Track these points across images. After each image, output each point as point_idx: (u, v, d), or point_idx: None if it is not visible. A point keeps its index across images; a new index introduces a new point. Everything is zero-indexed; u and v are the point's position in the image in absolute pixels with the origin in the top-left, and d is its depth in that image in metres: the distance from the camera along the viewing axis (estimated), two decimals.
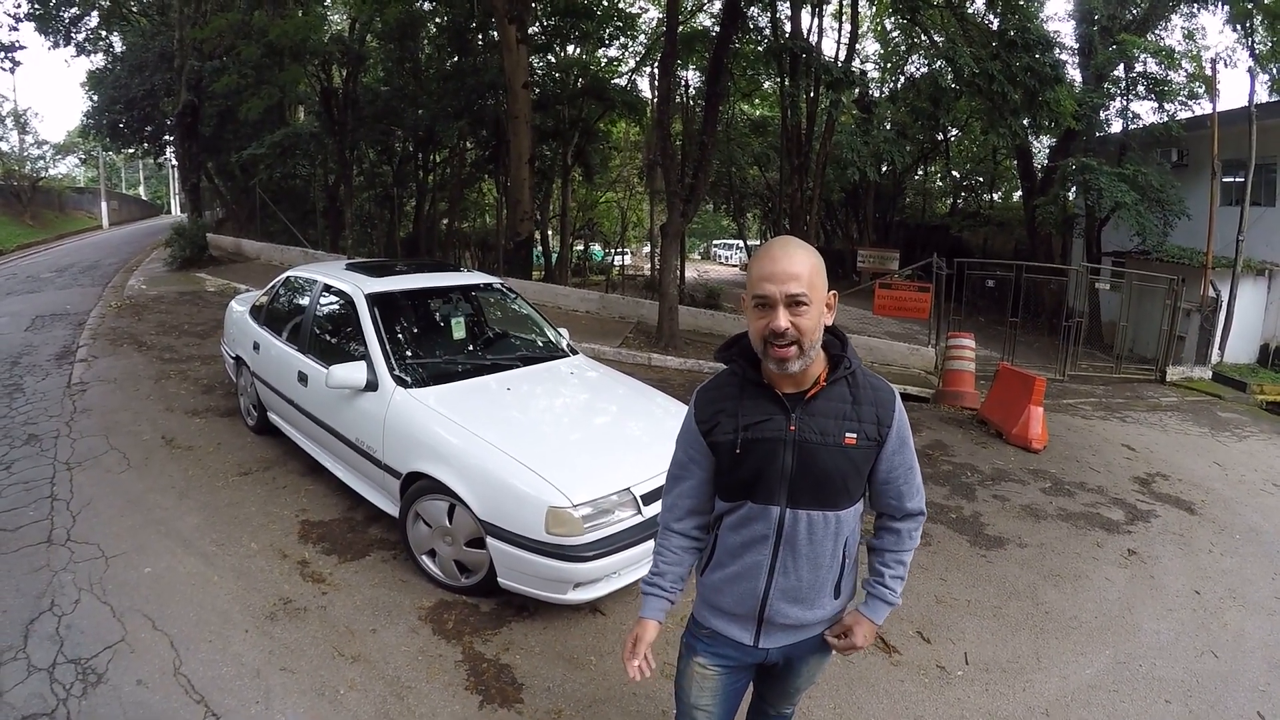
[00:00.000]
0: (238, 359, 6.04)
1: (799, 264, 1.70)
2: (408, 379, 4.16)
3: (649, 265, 28.95)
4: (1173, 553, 5.29)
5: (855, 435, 1.81)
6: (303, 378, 4.77)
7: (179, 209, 36.36)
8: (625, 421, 4.33)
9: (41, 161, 30.12)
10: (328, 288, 5.01)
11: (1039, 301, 15.83)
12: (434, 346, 4.82)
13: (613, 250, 30.79)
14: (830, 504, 1.84)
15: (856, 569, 2.05)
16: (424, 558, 3.93)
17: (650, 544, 3.60)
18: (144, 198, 45.83)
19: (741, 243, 36.56)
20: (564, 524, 3.32)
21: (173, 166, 31.98)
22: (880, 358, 10.57)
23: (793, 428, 1.79)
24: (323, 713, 3.01)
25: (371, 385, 4.14)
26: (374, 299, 4.58)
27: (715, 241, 45.54)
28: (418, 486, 3.81)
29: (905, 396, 8.49)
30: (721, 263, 42.83)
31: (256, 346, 5.57)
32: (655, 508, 3.68)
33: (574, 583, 3.41)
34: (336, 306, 4.95)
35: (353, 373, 4.12)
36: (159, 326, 9.99)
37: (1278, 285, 14.85)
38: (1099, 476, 6.90)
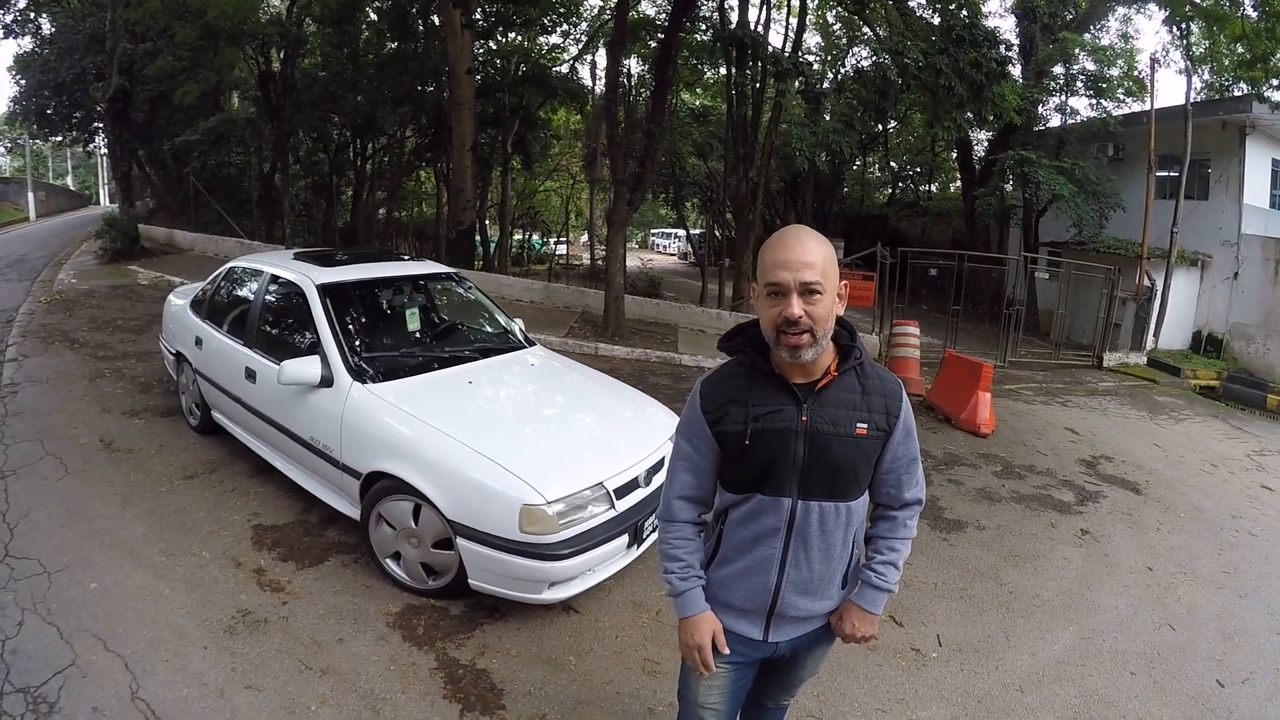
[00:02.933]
0: (178, 355, 5.75)
1: (813, 252, 1.68)
2: (365, 373, 3.98)
3: (588, 254, 28.83)
4: (1123, 532, 5.48)
5: (866, 426, 1.80)
6: (250, 374, 4.55)
7: (109, 199, 34.76)
8: (593, 414, 4.22)
9: None
10: (275, 278, 4.78)
11: (979, 290, 16.24)
12: (390, 339, 4.63)
13: (552, 240, 30.55)
14: (842, 495, 1.83)
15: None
16: (388, 561, 3.78)
17: (624, 539, 3.55)
18: (72, 188, 43.43)
19: (680, 231, 36.66)
20: (538, 522, 3.22)
21: (102, 155, 30.55)
22: None
23: (804, 418, 1.77)
24: None
25: (326, 381, 3.95)
26: (326, 290, 4.38)
27: (654, 230, 45.57)
28: (380, 487, 3.65)
29: None
30: (660, 251, 43.06)
31: (199, 342, 5.30)
32: (629, 501, 3.62)
33: (549, 582, 3.32)
34: (286, 298, 4.72)
35: (306, 368, 3.93)
36: (91, 322, 9.49)
37: (1209, 275, 15.52)
38: (1046, 460, 7.10)
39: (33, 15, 20.02)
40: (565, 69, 20.88)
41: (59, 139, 26.65)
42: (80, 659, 3.16)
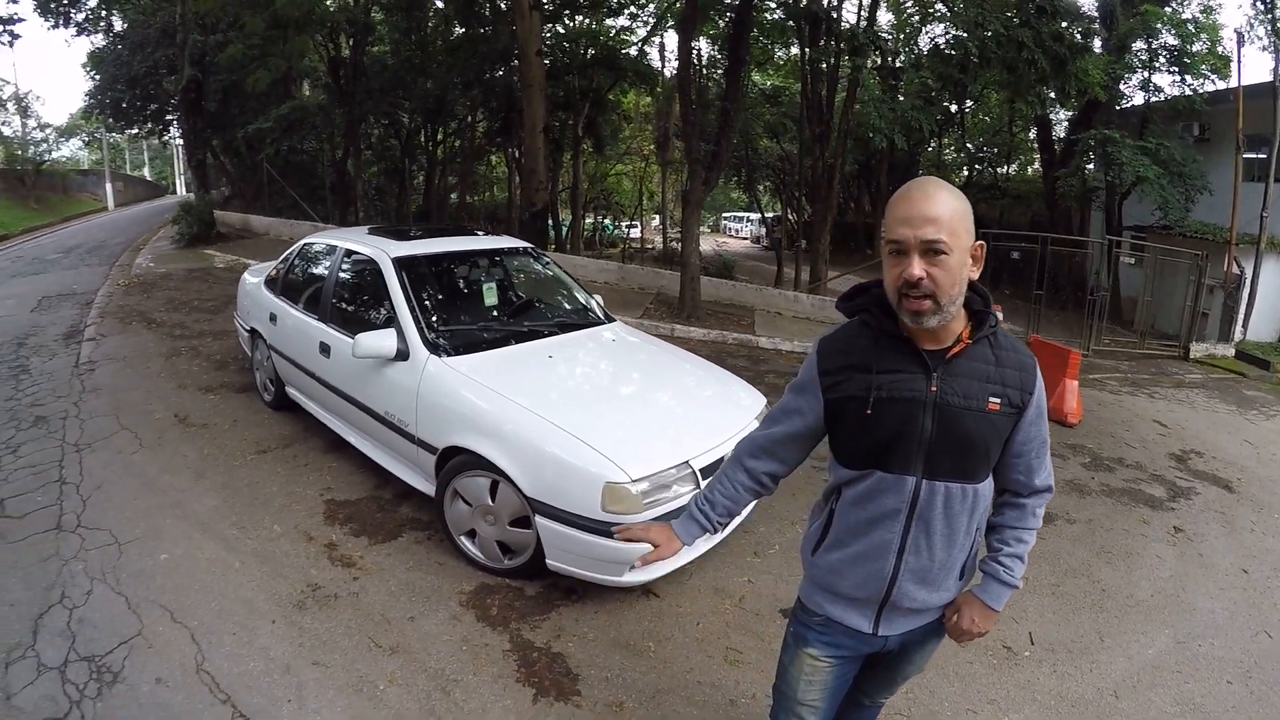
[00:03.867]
0: (252, 332, 5.83)
1: (939, 206, 1.49)
2: (442, 347, 3.94)
3: (660, 238, 28.65)
4: (1217, 531, 5.15)
5: (999, 401, 1.61)
6: (324, 349, 4.56)
7: (184, 188, 35.96)
8: (677, 392, 4.11)
9: (45, 144, 29.53)
10: (350, 253, 4.79)
11: (1060, 276, 15.56)
12: (466, 313, 4.58)
13: (624, 223, 30.43)
14: (970, 476, 1.65)
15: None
16: (463, 539, 3.74)
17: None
18: (149, 179, 45.34)
19: (753, 215, 36.20)
20: (621, 501, 3.12)
21: (177, 145, 31.57)
22: None
23: (933, 388, 1.59)
24: (362, 711, 2.81)
25: (402, 354, 3.92)
26: (402, 263, 4.36)
27: (725, 214, 45.06)
28: (456, 462, 3.60)
29: None
30: (732, 235, 42.47)
31: (273, 318, 5.35)
32: None
33: (631, 564, 3.21)
34: (360, 272, 4.73)
35: (381, 341, 3.90)
36: (168, 303, 9.78)
37: None
38: (1135, 452, 6.73)
39: (104, 13, 20.64)
40: (634, 51, 20.69)
41: (134, 131, 27.53)
42: (147, 629, 3.17)
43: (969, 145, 26.84)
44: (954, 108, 22.25)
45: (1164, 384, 10.21)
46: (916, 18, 20.88)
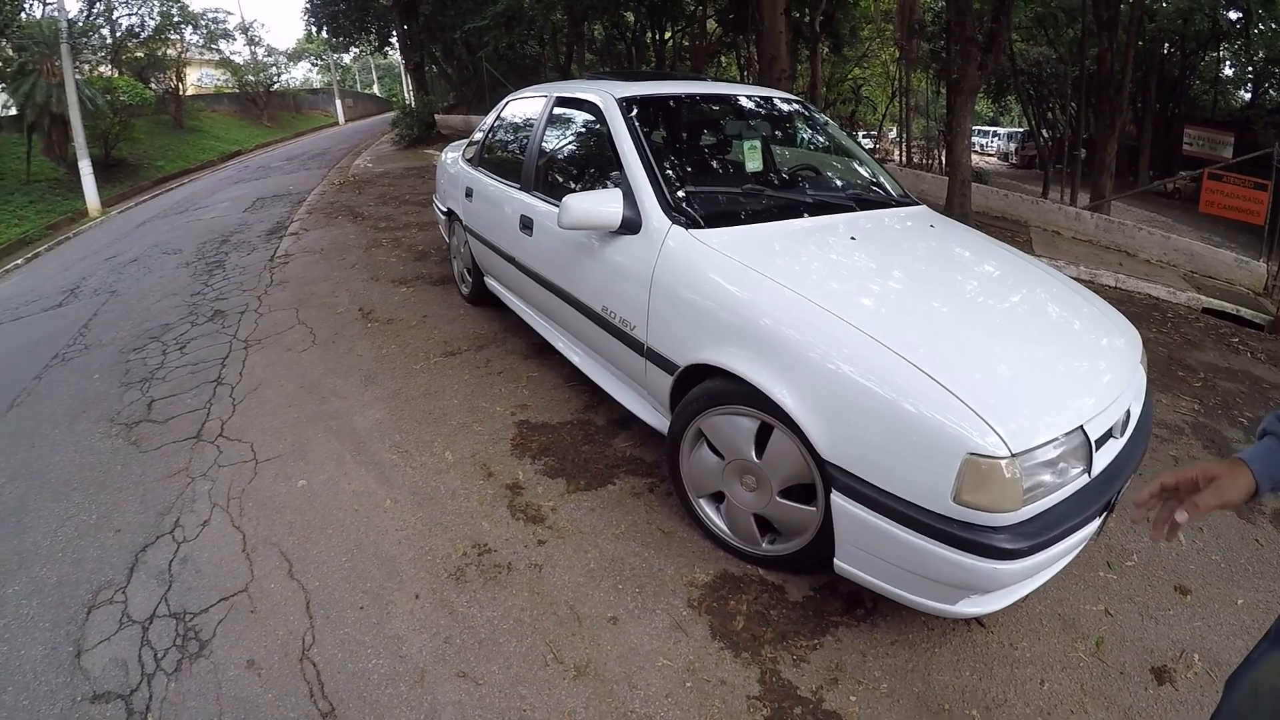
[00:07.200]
0: (448, 213, 4.88)
1: None
2: (690, 215, 2.58)
3: (898, 151, 25.82)
4: None
5: None
6: (526, 224, 3.42)
7: (412, 102, 37.82)
8: (1040, 314, 2.42)
9: (274, 69, 31.26)
10: (563, 100, 3.55)
11: None
12: (720, 178, 3.24)
13: (860, 133, 27.62)
14: None
15: None
16: (702, 502, 2.49)
17: (1094, 525, 1.95)
18: (378, 95, 48.03)
19: (1000, 130, 32.10)
20: (990, 486, 1.69)
21: (400, 64, 32.61)
22: (1200, 266, 7.77)
23: None
24: None
25: (630, 224, 2.62)
26: (629, 104, 3.05)
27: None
28: (706, 389, 2.30)
29: (1226, 317, 6.09)
30: (977, 151, 38.53)
31: (469, 194, 4.32)
32: (1103, 461, 1.98)
33: (976, 590, 1.83)
34: (576, 124, 3.49)
35: (600, 204, 2.61)
36: (379, 198, 9.39)
37: None
38: None
39: None
40: None
41: (357, 48, 28.35)
42: (255, 584, 2.30)
43: (1255, 59, 21.45)
44: (1231, 14, 17.70)
45: None
46: None
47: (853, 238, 2.58)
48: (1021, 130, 27.41)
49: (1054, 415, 1.83)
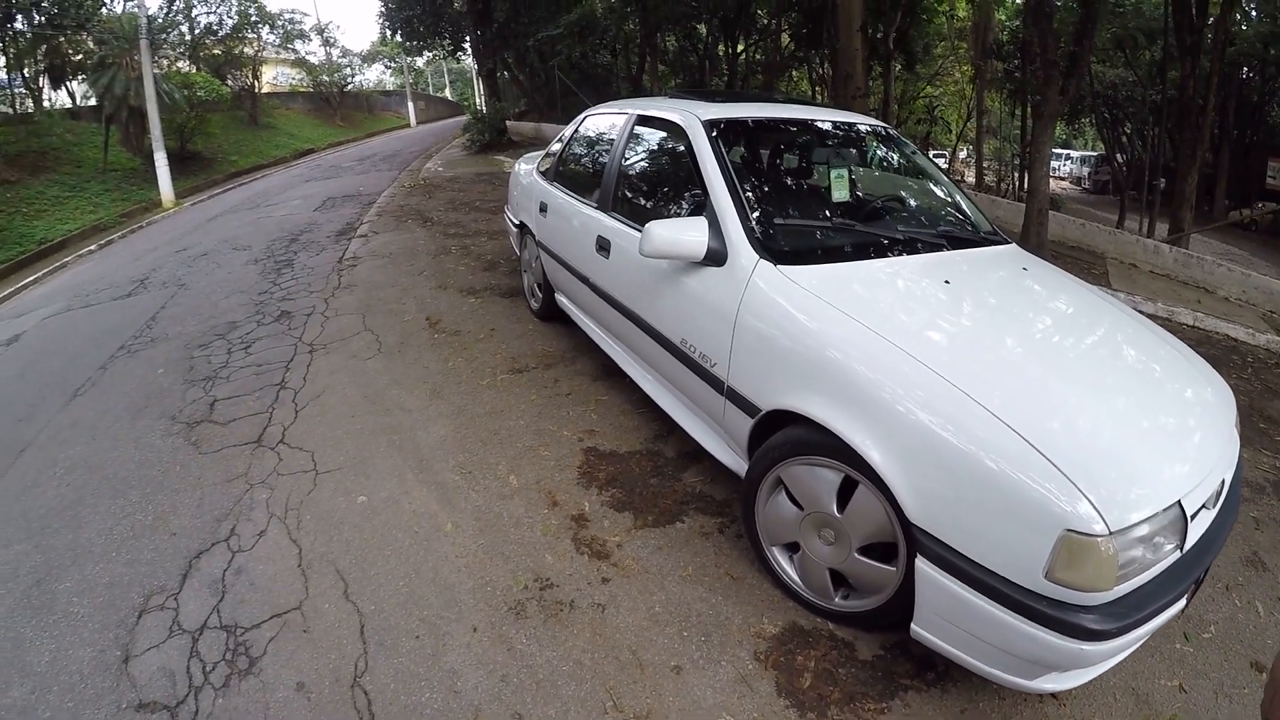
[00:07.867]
0: (520, 226, 4.86)
1: None
2: (778, 250, 2.47)
3: (970, 171, 25.14)
4: None
5: None
6: (602, 245, 3.36)
7: (484, 108, 38.57)
8: (1139, 372, 2.23)
9: (348, 70, 32.14)
10: (644, 119, 3.49)
11: None
12: (806, 208, 3.12)
13: (931, 154, 27.05)
14: None
15: None
16: (775, 550, 2.38)
17: (1181, 604, 1.79)
18: (450, 99, 48.98)
19: (1073, 153, 31.03)
20: (1085, 565, 1.57)
21: (472, 68, 33.21)
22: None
23: None
24: None
25: (716, 256, 2.53)
26: (718, 128, 2.96)
27: None
28: (788, 437, 2.19)
29: None
30: (1050, 175, 37.38)
31: (543, 208, 4.29)
32: (1195, 534, 1.83)
33: (1057, 669, 1.71)
34: (657, 145, 3.43)
35: (684, 233, 2.52)
36: (449, 204, 9.48)
37: None
38: None
39: None
40: None
41: (430, 52, 28.88)
42: (309, 603, 2.26)
43: None
44: None
45: None
46: None
47: (947, 281, 2.43)
48: (1095, 154, 26.37)
49: (1150, 488, 1.69)
